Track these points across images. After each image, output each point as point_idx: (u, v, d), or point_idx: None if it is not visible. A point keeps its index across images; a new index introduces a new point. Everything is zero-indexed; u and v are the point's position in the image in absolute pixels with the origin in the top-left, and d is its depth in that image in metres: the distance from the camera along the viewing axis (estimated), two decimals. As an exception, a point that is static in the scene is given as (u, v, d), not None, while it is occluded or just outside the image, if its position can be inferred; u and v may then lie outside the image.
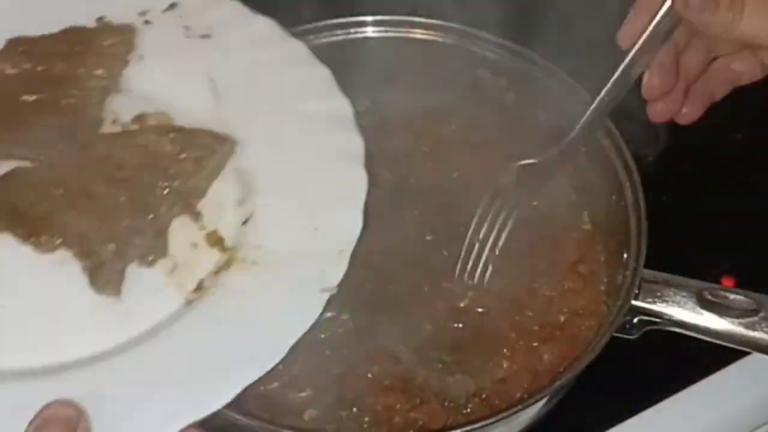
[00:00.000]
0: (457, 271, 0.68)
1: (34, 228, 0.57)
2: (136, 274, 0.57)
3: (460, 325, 0.67)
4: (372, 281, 0.69)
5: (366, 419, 0.62)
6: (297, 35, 0.75)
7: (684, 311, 0.61)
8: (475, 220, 0.69)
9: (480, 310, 0.67)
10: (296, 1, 0.85)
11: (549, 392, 0.59)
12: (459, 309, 0.68)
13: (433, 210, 0.73)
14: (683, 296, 0.61)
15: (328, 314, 0.66)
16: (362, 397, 0.63)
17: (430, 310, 0.67)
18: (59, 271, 0.57)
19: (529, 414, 0.62)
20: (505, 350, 0.65)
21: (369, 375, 0.64)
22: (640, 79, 0.62)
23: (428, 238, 0.71)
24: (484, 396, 0.63)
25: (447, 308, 0.68)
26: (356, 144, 0.61)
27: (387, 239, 0.71)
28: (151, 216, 0.58)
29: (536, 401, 0.58)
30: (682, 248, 0.76)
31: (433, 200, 0.74)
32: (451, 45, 0.75)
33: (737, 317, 0.60)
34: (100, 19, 0.68)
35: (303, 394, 0.64)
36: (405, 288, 0.68)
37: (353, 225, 0.57)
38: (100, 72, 0.65)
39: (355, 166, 0.60)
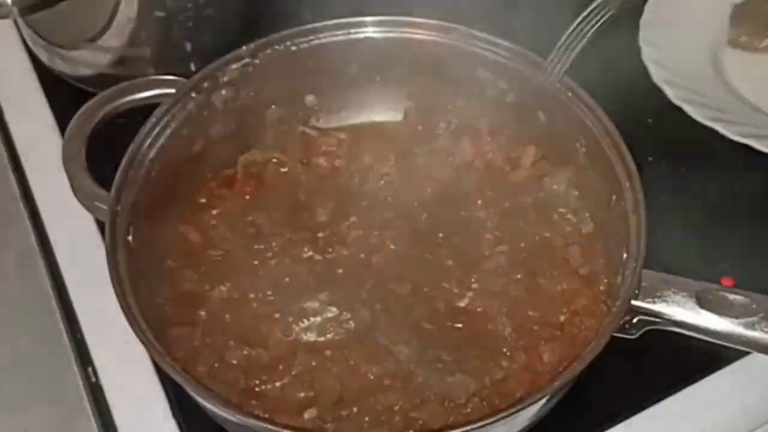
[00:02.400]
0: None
1: None
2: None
3: (460, 325, 0.67)
4: (372, 281, 0.69)
5: (366, 419, 0.62)
6: (297, 35, 0.75)
7: (684, 311, 0.61)
8: None
9: (480, 309, 0.67)
10: (297, 1, 0.86)
11: (549, 392, 0.59)
12: (459, 309, 0.68)
13: (434, 208, 0.73)
14: (683, 296, 0.61)
15: (329, 314, 0.67)
16: (362, 397, 0.63)
17: (430, 310, 0.67)
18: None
19: (529, 414, 0.62)
20: (505, 350, 0.65)
21: (369, 375, 0.64)
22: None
23: (429, 237, 0.71)
24: (484, 396, 0.63)
25: (447, 308, 0.68)
26: None
27: (387, 239, 0.71)
28: None
29: (536, 401, 0.58)
30: (682, 248, 0.76)
31: (434, 199, 0.74)
32: (451, 45, 0.75)
33: (737, 317, 0.60)
34: None
35: (303, 394, 0.64)
36: (405, 288, 0.68)
37: None
38: None
39: None
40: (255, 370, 0.65)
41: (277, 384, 0.64)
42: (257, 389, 0.64)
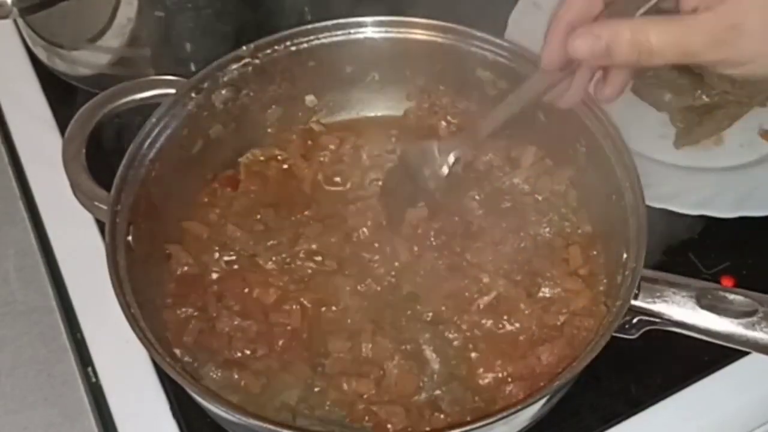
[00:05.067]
0: None
1: None
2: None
3: (459, 326, 0.67)
4: (369, 278, 0.69)
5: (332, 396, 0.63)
6: (297, 35, 0.75)
7: (683, 311, 0.60)
8: None
9: (479, 310, 0.67)
10: (297, 1, 0.86)
11: (549, 392, 0.59)
12: (458, 309, 0.68)
13: (434, 209, 0.73)
14: (683, 296, 0.61)
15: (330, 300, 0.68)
16: (339, 375, 0.64)
17: (428, 309, 0.68)
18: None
19: (529, 414, 0.62)
20: (504, 350, 0.65)
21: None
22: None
23: (431, 230, 0.71)
24: (483, 396, 0.63)
25: (446, 308, 0.68)
26: None
27: (387, 239, 0.71)
28: None
29: (536, 401, 0.58)
30: (682, 248, 0.76)
31: (434, 198, 0.74)
32: (451, 45, 0.75)
33: (736, 317, 0.60)
34: None
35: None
36: (405, 286, 0.69)
37: None
38: None
39: None
40: (240, 342, 0.66)
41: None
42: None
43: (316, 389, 0.64)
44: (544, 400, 0.60)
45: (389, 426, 0.62)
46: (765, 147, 0.83)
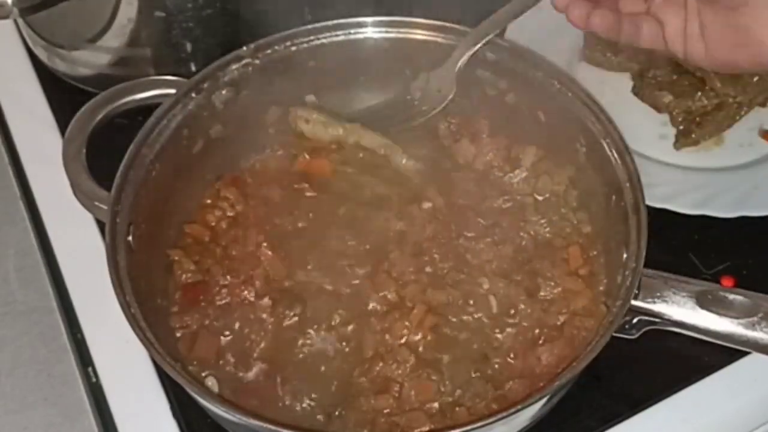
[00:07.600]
0: None
1: None
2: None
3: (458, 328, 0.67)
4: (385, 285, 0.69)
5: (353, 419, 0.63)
6: (297, 35, 0.75)
7: (684, 311, 0.61)
8: None
9: (479, 311, 0.67)
10: (297, 1, 0.86)
11: (549, 392, 0.59)
12: (459, 310, 0.68)
13: (435, 210, 0.73)
14: (683, 296, 0.61)
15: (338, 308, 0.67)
16: (354, 398, 0.64)
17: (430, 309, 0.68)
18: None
19: (529, 414, 0.62)
20: (504, 351, 0.65)
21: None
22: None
23: (430, 237, 0.71)
24: (483, 396, 0.63)
25: (447, 309, 0.68)
26: None
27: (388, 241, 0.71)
28: None
29: (536, 401, 0.58)
30: (682, 248, 0.76)
31: (434, 200, 0.74)
32: (451, 45, 0.75)
33: (736, 317, 0.60)
34: None
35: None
36: (409, 287, 0.69)
37: None
38: None
39: None
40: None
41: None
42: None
43: (336, 413, 0.63)
44: (544, 400, 0.60)
45: None
46: (765, 147, 0.83)
